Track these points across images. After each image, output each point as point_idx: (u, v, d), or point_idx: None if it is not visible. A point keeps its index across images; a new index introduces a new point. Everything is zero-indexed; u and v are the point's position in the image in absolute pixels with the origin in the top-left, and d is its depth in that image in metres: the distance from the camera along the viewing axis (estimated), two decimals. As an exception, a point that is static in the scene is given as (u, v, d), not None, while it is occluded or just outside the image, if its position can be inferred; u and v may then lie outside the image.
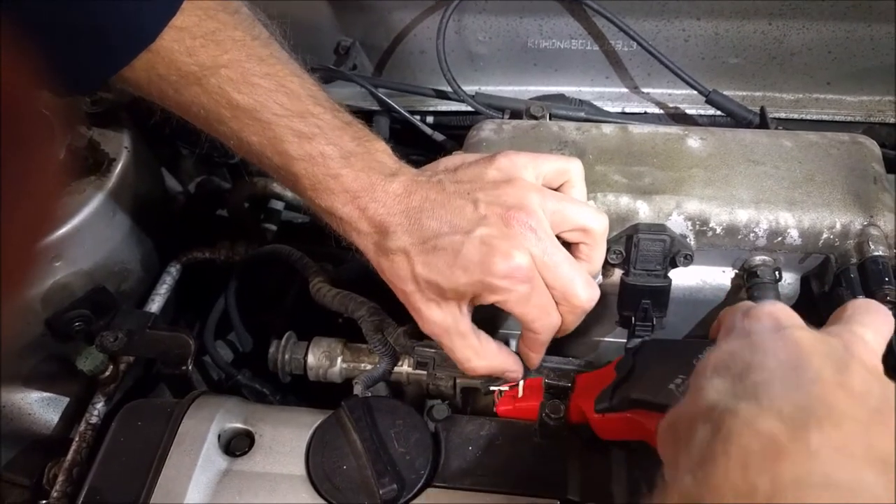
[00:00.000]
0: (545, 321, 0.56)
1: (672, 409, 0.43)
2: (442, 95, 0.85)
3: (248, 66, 0.55)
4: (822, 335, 0.40)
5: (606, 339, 0.69)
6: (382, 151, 0.57)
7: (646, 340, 0.62)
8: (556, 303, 0.56)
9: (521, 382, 0.61)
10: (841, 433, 0.32)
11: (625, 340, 0.65)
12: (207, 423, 0.57)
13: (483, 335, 0.59)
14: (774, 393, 0.35)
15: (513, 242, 0.53)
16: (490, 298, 0.54)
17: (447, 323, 0.56)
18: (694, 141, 0.65)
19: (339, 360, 0.71)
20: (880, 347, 0.41)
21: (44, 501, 0.66)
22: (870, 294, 0.58)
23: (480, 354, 0.58)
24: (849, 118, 0.84)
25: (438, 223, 0.54)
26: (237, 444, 0.58)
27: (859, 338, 0.40)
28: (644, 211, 0.62)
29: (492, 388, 0.63)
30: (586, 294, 0.56)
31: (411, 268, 0.54)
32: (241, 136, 0.56)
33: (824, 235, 0.60)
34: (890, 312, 0.44)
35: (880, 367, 0.39)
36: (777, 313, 0.42)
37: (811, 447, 0.32)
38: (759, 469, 0.31)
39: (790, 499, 0.30)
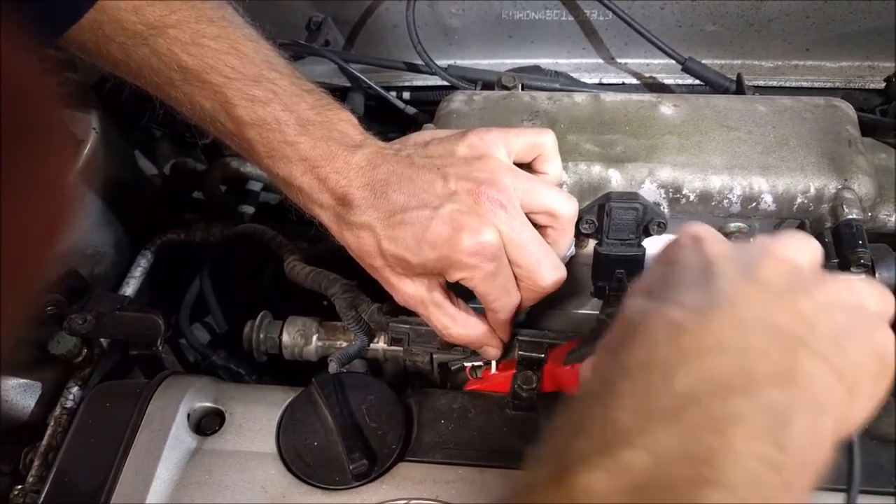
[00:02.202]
0: (505, 301, 0.55)
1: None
2: (414, 69, 0.84)
3: (197, 27, 0.53)
4: (738, 245, 0.40)
5: (582, 311, 0.69)
6: (346, 122, 0.56)
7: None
8: (519, 281, 0.55)
9: (494, 363, 0.61)
10: (736, 311, 0.35)
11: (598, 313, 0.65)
12: (176, 402, 0.56)
13: (461, 303, 0.58)
14: (682, 292, 0.37)
15: (482, 219, 0.52)
16: (456, 276, 0.53)
17: (421, 294, 0.56)
18: (667, 108, 0.64)
19: (315, 338, 0.71)
20: (806, 259, 0.40)
21: (19, 486, 0.65)
22: (844, 258, 0.57)
23: (458, 322, 0.57)
24: (828, 84, 0.83)
25: (405, 197, 0.53)
26: (207, 424, 0.57)
27: (780, 241, 0.40)
28: (616, 179, 0.61)
29: (465, 363, 0.62)
30: (551, 277, 0.55)
31: (377, 243, 0.53)
32: (193, 101, 0.54)
33: (798, 200, 0.60)
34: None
35: (800, 261, 0.39)
36: (697, 231, 0.42)
37: (709, 324, 0.35)
38: (664, 346, 0.35)
39: (690, 364, 0.33)
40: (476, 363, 0.61)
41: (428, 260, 0.53)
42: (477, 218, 0.52)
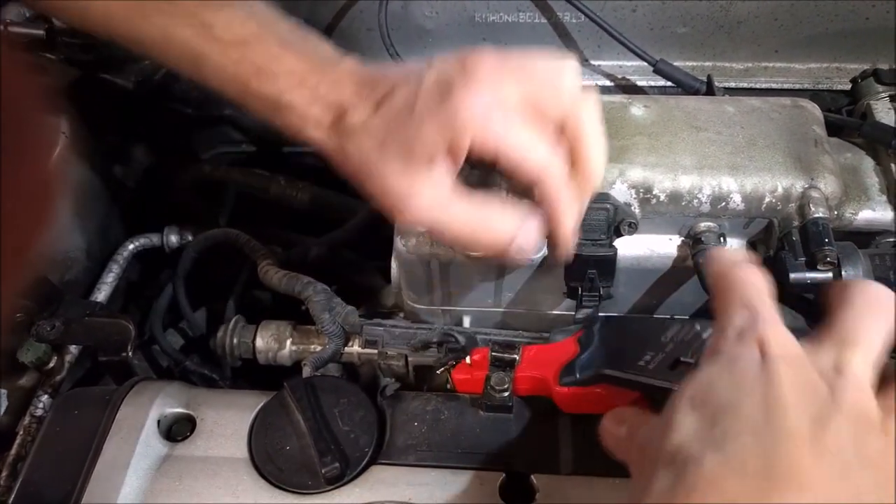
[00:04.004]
0: (541, 152, 0.48)
1: (646, 428, 0.42)
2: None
3: None
4: (808, 375, 0.37)
5: (555, 311, 0.69)
6: (322, 42, 0.54)
7: (608, 316, 0.62)
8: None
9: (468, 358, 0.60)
10: (801, 498, 0.32)
11: (573, 313, 0.65)
12: (146, 408, 0.56)
13: (479, 193, 0.51)
14: (743, 445, 0.34)
15: (472, 76, 0.47)
16: (464, 141, 0.47)
17: (435, 196, 0.49)
18: (637, 109, 0.65)
19: (289, 342, 0.71)
20: (877, 354, 0.38)
21: (-13, 497, 0.64)
22: (811, 256, 0.58)
23: (487, 218, 0.50)
24: (797, 86, 0.84)
25: (392, 82, 0.49)
26: (178, 430, 0.57)
27: (850, 372, 0.36)
28: (587, 180, 0.61)
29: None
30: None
31: (374, 137, 0.49)
32: (170, 33, 0.52)
33: (766, 199, 0.60)
34: (893, 295, 0.39)
35: (868, 404, 0.36)
36: (769, 339, 0.38)
37: None
38: None
39: None
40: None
41: (428, 135, 0.47)
42: (466, 75, 0.47)
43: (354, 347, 0.69)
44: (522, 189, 0.51)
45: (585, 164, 0.50)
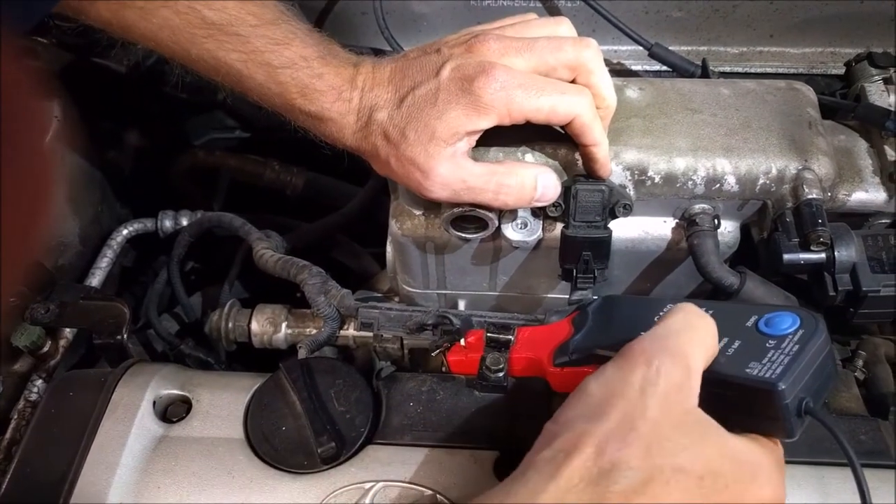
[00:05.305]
0: (575, 96, 0.54)
1: None
2: (381, 55, 0.84)
3: None
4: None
5: (551, 294, 0.69)
6: (341, 47, 0.58)
7: (604, 297, 0.62)
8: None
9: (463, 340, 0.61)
10: None
11: (567, 296, 0.65)
12: (142, 390, 0.56)
13: (499, 160, 0.58)
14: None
15: (481, 58, 0.54)
16: (485, 123, 0.53)
17: (456, 162, 0.54)
18: (632, 91, 0.65)
19: (284, 325, 0.71)
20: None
21: (-18, 480, 0.64)
22: (804, 237, 0.58)
23: (508, 170, 0.56)
24: (791, 70, 0.84)
25: (411, 80, 0.55)
26: (174, 411, 0.56)
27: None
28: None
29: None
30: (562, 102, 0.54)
31: (397, 126, 0.54)
32: (219, 56, 0.55)
33: (761, 181, 0.61)
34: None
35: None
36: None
37: None
38: None
39: None
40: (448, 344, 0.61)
41: (451, 118, 0.53)
42: (476, 58, 0.54)
43: (350, 330, 0.69)
44: None
45: (600, 91, 0.56)
